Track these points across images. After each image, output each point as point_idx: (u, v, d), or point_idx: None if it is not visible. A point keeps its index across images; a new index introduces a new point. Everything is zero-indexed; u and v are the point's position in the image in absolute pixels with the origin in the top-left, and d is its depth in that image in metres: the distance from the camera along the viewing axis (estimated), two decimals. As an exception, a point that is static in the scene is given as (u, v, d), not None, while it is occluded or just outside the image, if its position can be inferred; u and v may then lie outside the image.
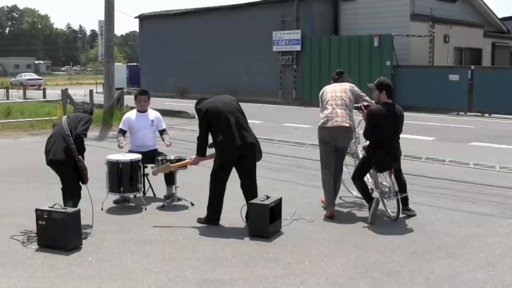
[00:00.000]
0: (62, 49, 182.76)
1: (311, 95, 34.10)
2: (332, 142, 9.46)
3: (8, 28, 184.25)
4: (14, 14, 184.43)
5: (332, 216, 9.22)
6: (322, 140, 9.61)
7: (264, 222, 8.18)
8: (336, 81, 10.21)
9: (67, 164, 8.52)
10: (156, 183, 10.89)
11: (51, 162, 8.65)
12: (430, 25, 33.62)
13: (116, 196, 10.22)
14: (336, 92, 9.76)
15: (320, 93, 10.08)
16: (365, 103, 9.76)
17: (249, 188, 8.83)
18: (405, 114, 9.48)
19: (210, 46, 40.88)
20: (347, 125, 9.37)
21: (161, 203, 10.17)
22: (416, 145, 17.16)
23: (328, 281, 6.63)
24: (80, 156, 8.56)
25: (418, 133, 19.73)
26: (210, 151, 8.92)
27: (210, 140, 8.83)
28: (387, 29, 32.12)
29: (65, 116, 9.05)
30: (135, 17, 49.23)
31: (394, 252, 7.66)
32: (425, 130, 21.03)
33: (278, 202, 8.57)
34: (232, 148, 8.55)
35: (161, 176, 10.51)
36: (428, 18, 33.56)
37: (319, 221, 9.05)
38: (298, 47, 35.26)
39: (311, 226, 8.79)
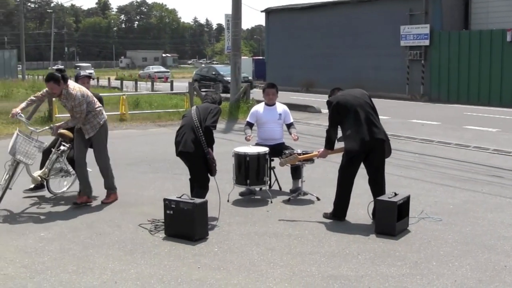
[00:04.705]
0: (188, 42, 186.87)
1: (439, 91, 33.50)
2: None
3: (136, 23, 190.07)
4: (143, 8, 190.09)
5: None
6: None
7: (392, 219, 8.01)
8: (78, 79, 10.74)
9: (197, 155, 8.62)
10: (282, 176, 10.89)
11: (180, 154, 8.78)
12: None
13: (242, 189, 10.29)
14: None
15: (87, 95, 9.87)
16: None
17: (377, 184, 8.67)
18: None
19: (336, 40, 40.72)
20: None
21: (287, 197, 10.18)
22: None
23: (456, 283, 6.42)
24: (209, 149, 8.65)
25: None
26: (339, 145, 8.82)
27: (339, 134, 8.73)
28: (521, 23, 30.98)
29: (195, 107, 9.14)
30: (262, 11, 49.69)
31: (528, 256, 7.35)
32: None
33: (406, 200, 8.38)
34: (361, 143, 8.40)
35: (287, 170, 10.50)
36: None
37: (447, 221, 8.79)
38: (426, 42, 34.52)
39: (439, 226, 8.55)
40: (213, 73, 42.81)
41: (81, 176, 9.87)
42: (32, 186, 10.29)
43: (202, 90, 27.46)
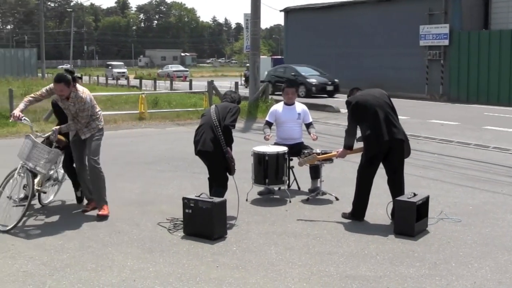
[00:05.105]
0: (207, 41, 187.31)
1: (458, 91, 33.29)
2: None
3: (155, 22, 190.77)
4: (162, 7, 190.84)
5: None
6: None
7: (411, 220, 7.97)
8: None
9: (216, 154, 8.63)
10: (301, 176, 10.88)
11: (199, 153, 8.79)
12: None
13: (261, 188, 10.29)
14: None
15: (92, 99, 9.19)
16: None
17: (396, 184, 8.64)
18: None
19: (355, 40, 40.62)
20: None
21: (305, 197, 10.16)
22: None
23: (476, 284, 6.38)
24: (228, 148, 8.66)
25: None
26: (358, 145, 8.80)
27: (359, 133, 8.71)
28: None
29: (213, 106, 9.14)
30: (280, 10, 49.73)
31: (549, 257, 7.28)
32: None
33: (425, 200, 8.34)
34: (380, 143, 8.38)
35: (306, 169, 10.48)
36: None
37: (467, 221, 8.74)
38: (446, 42, 34.34)
39: (458, 226, 8.51)
40: (292, 73, 37.50)
41: (85, 182, 9.41)
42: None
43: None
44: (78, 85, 8.98)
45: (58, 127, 9.06)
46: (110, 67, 78.23)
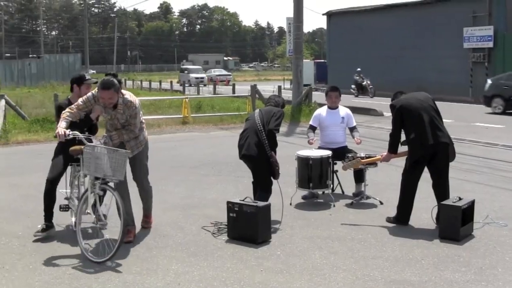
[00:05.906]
0: (250, 45, 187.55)
1: (503, 94, 32.78)
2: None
3: (198, 26, 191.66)
4: (204, 12, 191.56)
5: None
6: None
7: (456, 224, 7.90)
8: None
9: (260, 159, 8.66)
10: (345, 180, 10.86)
11: (244, 157, 8.84)
12: None
13: (305, 192, 10.29)
14: None
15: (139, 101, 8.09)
16: None
17: (441, 188, 8.57)
18: None
19: (398, 43, 40.42)
20: None
21: (349, 201, 10.15)
22: None
23: (524, 290, 6.30)
24: (272, 152, 8.69)
25: None
26: (402, 148, 8.75)
27: (403, 137, 8.65)
28: None
29: (258, 110, 9.16)
30: (323, 14, 49.64)
31: None
32: None
33: (471, 204, 8.26)
34: (425, 147, 8.32)
35: (350, 173, 10.46)
36: None
37: (514, 226, 8.64)
38: (490, 44, 34.03)
39: (504, 231, 8.40)
40: None
41: (127, 203, 8.03)
42: (40, 227, 8.26)
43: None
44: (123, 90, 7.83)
45: (108, 134, 7.90)
46: (186, 72, 67.88)
